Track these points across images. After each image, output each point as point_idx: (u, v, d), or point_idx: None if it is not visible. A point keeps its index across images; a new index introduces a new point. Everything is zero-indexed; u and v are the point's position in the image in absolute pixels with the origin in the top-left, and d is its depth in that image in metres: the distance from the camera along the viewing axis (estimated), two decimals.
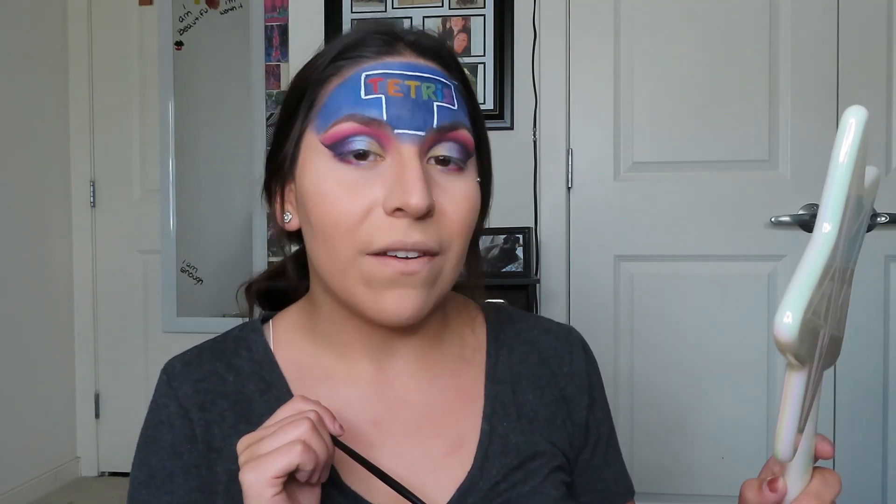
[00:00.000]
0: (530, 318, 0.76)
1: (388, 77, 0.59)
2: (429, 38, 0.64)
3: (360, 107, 0.58)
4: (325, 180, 0.59)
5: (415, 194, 0.56)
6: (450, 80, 0.62)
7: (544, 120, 1.96)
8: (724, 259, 1.91)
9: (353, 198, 0.58)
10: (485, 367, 0.70)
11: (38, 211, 2.67)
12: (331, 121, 0.59)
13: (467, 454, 0.64)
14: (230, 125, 2.77)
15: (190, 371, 0.66)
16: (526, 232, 1.83)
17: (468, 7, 1.99)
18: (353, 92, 0.59)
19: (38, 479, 2.64)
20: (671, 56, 1.92)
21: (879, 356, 1.86)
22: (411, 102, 0.58)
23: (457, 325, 0.71)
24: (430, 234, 0.58)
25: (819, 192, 0.44)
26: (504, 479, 0.64)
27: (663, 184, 1.93)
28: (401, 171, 0.57)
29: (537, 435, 0.67)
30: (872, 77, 1.85)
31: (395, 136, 0.58)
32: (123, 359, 2.86)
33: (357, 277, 0.59)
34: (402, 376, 0.66)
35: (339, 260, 0.59)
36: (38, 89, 2.68)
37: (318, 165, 0.60)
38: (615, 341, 1.95)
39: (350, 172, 0.58)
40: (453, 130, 0.60)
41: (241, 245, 2.74)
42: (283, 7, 2.65)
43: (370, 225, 0.57)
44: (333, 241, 0.58)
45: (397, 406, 0.65)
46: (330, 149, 0.59)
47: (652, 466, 1.95)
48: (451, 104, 0.60)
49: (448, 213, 0.59)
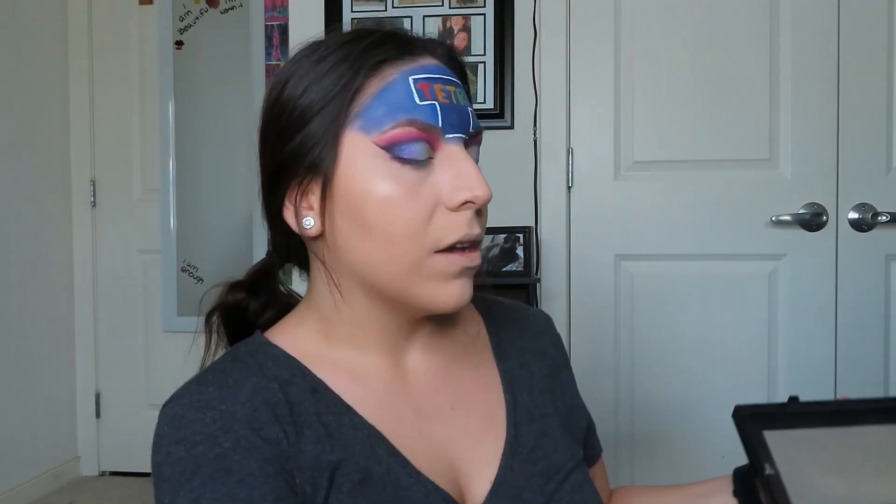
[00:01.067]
0: (506, 300, 0.83)
1: (433, 81, 0.62)
2: (437, 42, 0.67)
3: (417, 112, 0.60)
4: (385, 182, 0.60)
5: (480, 186, 0.60)
6: (462, 83, 0.66)
7: (544, 119, 1.96)
8: (725, 258, 1.91)
9: (416, 200, 0.60)
10: (489, 346, 0.75)
11: (38, 211, 2.67)
12: (386, 124, 0.60)
13: (499, 427, 0.69)
14: (230, 125, 2.77)
15: (230, 392, 0.60)
16: (526, 231, 1.82)
17: (468, 6, 1.99)
18: (406, 96, 0.60)
19: (38, 479, 2.64)
20: (671, 55, 1.92)
21: (879, 356, 1.86)
22: (456, 108, 0.62)
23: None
24: (482, 224, 0.64)
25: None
26: (537, 445, 0.69)
27: (663, 183, 1.93)
28: (457, 167, 0.61)
29: (550, 405, 0.74)
30: (872, 77, 1.85)
31: (444, 139, 0.61)
32: (124, 358, 2.86)
33: (423, 274, 0.61)
34: (422, 364, 0.69)
35: (406, 260, 0.60)
36: (38, 89, 2.68)
37: (373, 166, 0.60)
38: (615, 341, 1.95)
39: (410, 173, 0.60)
40: (479, 133, 0.65)
41: (242, 244, 2.74)
42: (283, 6, 2.65)
43: (437, 224, 0.60)
44: (401, 242, 0.60)
45: (428, 392, 0.68)
46: (386, 150, 0.60)
47: (652, 466, 1.95)
48: (471, 106, 0.65)
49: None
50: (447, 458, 0.65)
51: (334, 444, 0.60)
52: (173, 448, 0.57)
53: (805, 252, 1.87)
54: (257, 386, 0.61)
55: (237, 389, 0.60)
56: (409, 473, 0.62)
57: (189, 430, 0.57)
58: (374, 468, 0.60)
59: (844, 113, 1.85)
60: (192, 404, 0.59)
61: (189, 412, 0.58)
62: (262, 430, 0.58)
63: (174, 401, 0.60)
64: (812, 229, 1.86)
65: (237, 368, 0.62)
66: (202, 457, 0.56)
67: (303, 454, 0.59)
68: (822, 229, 1.86)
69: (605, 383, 1.94)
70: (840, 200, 1.85)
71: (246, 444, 0.57)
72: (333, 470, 0.59)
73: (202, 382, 0.61)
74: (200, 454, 0.56)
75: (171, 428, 0.58)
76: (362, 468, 0.60)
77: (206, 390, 0.60)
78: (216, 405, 0.58)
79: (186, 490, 0.55)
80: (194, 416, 0.58)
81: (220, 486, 0.55)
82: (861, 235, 1.85)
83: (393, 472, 0.61)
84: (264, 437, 0.58)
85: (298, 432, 0.60)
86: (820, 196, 1.85)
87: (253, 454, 0.57)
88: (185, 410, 0.58)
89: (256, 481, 0.56)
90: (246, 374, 0.62)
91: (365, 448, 0.61)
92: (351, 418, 0.62)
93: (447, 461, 0.65)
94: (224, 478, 0.56)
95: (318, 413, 0.62)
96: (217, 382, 0.61)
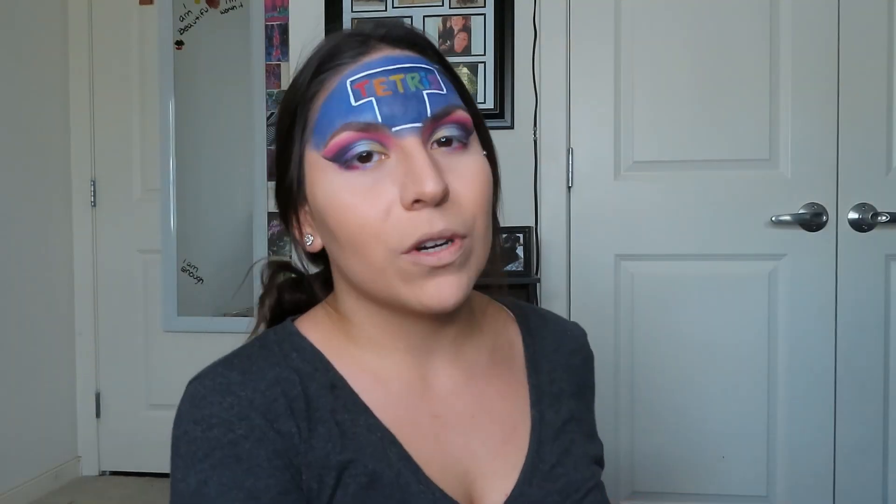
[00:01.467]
0: (545, 311, 0.81)
1: (372, 77, 0.59)
2: (398, 27, 0.64)
3: (352, 114, 0.58)
4: (338, 192, 0.59)
5: (428, 181, 0.56)
6: (431, 65, 0.62)
7: (544, 119, 1.96)
8: (725, 258, 1.91)
9: (369, 202, 0.58)
10: (524, 356, 0.73)
11: (38, 211, 2.67)
12: (327, 135, 0.59)
13: (522, 440, 0.68)
14: (230, 125, 2.76)
15: (252, 379, 0.61)
16: (526, 231, 1.83)
17: (468, 6, 1.99)
18: (342, 101, 0.59)
19: (38, 479, 2.64)
20: (671, 55, 1.92)
21: (879, 356, 1.86)
22: (401, 97, 0.58)
23: (483, 317, 0.73)
24: (453, 218, 0.58)
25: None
26: (559, 463, 0.68)
27: (663, 183, 1.93)
28: (409, 163, 0.57)
29: (575, 423, 0.72)
30: (872, 77, 1.85)
31: (393, 133, 0.58)
32: (124, 358, 2.86)
33: (395, 276, 0.59)
34: (446, 369, 0.67)
35: (373, 264, 0.59)
36: (39, 89, 2.68)
37: (327, 180, 0.60)
38: (615, 341, 1.95)
39: (359, 178, 0.59)
40: (448, 115, 0.60)
41: (242, 244, 2.74)
42: (283, 6, 2.64)
43: (393, 224, 0.57)
44: (363, 248, 0.59)
45: (450, 399, 0.67)
46: (333, 161, 0.59)
47: (652, 466, 1.95)
48: (439, 89, 0.60)
49: (463, 193, 0.59)
50: (462, 468, 0.64)
51: (346, 444, 0.61)
52: (190, 427, 0.59)
53: (805, 252, 1.87)
54: (279, 377, 0.62)
55: (259, 377, 0.61)
56: (419, 480, 0.61)
57: (207, 411, 0.59)
58: (384, 472, 0.60)
59: (844, 113, 1.85)
60: (215, 386, 0.60)
61: (210, 394, 0.60)
62: (277, 421, 0.59)
63: (199, 379, 0.62)
64: (812, 229, 1.86)
65: (262, 356, 0.63)
66: (216, 440, 0.58)
67: (313, 451, 0.60)
68: (822, 229, 1.86)
69: (605, 383, 1.94)
70: (840, 200, 1.85)
71: (259, 434, 0.58)
72: (342, 470, 0.60)
73: (227, 365, 0.62)
74: (215, 437, 0.58)
75: (191, 406, 0.60)
76: (371, 471, 0.60)
77: (229, 374, 0.61)
78: (237, 390, 0.60)
79: (197, 470, 0.58)
80: (214, 398, 0.59)
81: (227, 471, 0.57)
82: (861, 235, 1.85)
83: (403, 478, 0.61)
84: (277, 429, 0.59)
85: (311, 428, 0.61)
86: (820, 196, 1.85)
87: (264, 445, 0.58)
88: (207, 391, 0.60)
89: (263, 472, 0.57)
90: (270, 364, 0.63)
91: (377, 451, 0.61)
92: (367, 419, 0.62)
93: (462, 470, 0.64)
94: (233, 464, 0.57)
95: (333, 410, 0.62)
96: (241, 367, 0.62)
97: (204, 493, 0.57)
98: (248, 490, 0.57)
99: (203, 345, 2.37)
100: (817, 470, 1.88)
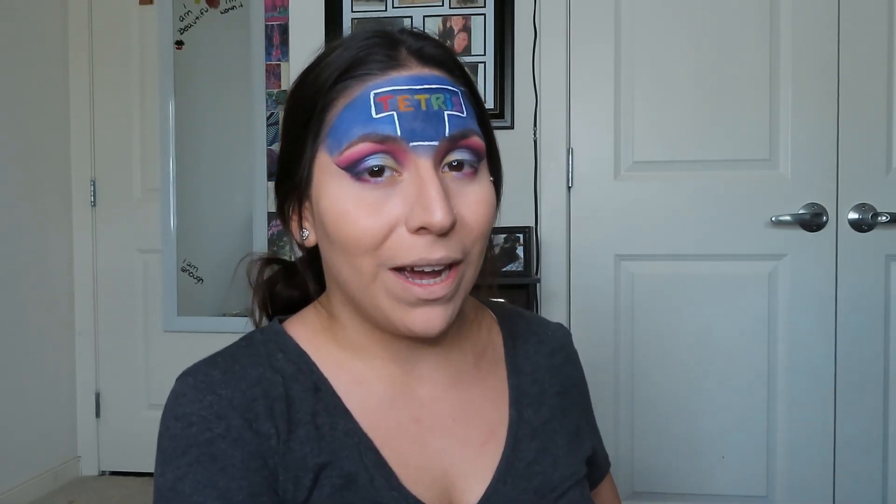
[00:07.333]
0: (528, 313, 0.82)
1: (397, 94, 0.59)
2: (432, 45, 0.64)
3: (372, 125, 0.58)
4: (344, 201, 0.59)
5: (438, 212, 0.56)
6: (456, 87, 0.62)
7: (544, 119, 1.96)
8: (725, 258, 1.91)
9: (373, 217, 0.58)
10: (504, 359, 0.74)
11: (38, 210, 2.67)
12: (344, 143, 0.59)
13: (499, 440, 0.69)
14: (230, 125, 2.76)
15: (233, 378, 0.62)
16: (526, 231, 1.83)
17: (468, 6, 1.99)
18: (363, 111, 0.59)
19: (38, 479, 2.64)
20: (671, 55, 1.92)
21: (879, 356, 1.86)
22: (423, 115, 0.59)
23: (469, 321, 0.73)
24: (453, 246, 0.59)
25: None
26: (536, 461, 0.69)
27: (664, 183, 1.93)
28: (421, 188, 0.57)
29: (557, 422, 0.73)
30: (872, 77, 1.85)
31: (410, 149, 0.58)
32: (124, 358, 2.86)
33: (381, 291, 0.60)
34: (431, 375, 0.68)
35: (362, 275, 0.60)
36: (39, 89, 2.68)
37: (335, 186, 0.60)
38: (615, 341, 1.95)
39: (368, 192, 0.59)
40: (465, 138, 0.60)
41: (242, 244, 2.74)
42: (283, 6, 2.64)
43: (393, 243, 0.58)
44: (356, 258, 0.59)
45: (431, 403, 0.67)
46: (346, 170, 0.59)
47: (652, 466, 1.94)
48: (460, 112, 0.61)
49: (468, 220, 0.60)
50: (441, 470, 0.65)
51: (323, 447, 0.61)
52: (172, 423, 0.60)
53: (805, 252, 1.87)
54: (261, 377, 0.63)
55: (241, 377, 0.62)
56: (392, 486, 0.62)
57: (188, 408, 0.60)
58: (359, 475, 0.61)
59: (844, 113, 1.85)
60: (197, 384, 0.61)
61: (192, 391, 0.61)
62: (255, 422, 0.60)
63: (184, 376, 0.63)
64: (812, 229, 1.86)
65: (247, 356, 0.64)
66: (193, 438, 0.59)
67: (291, 453, 0.61)
68: (822, 229, 1.86)
69: (605, 383, 1.94)
70: (840, 200, 1.85)
71: (236, 434, 0.59)
72: (319, 471, 0.61)
73: (211, 364, 0.63)
74: (193, 435, 0.59)
75: (174, 403, 0.61)
76: (346, 473, 0.61)
77: (212, 372, 0.62)
78: (217, 389, 0.61)
79: (174, 466, 0.59)
80: (195, 395, 0.60)
81: (202, 469, 0.58)
82: (861, 235, 1.85)
83: (376, 482, 0.61)
84: (256, 429, 0.60)
85: (291, 430, 0.61)
86: (820, 196, 1.85)
87: (240, 445, 0.59)
88: (189, 389, 0.61)
89: (237, 472, 0.58)
90: (253, 363, 0.64)
91: (352, 455, 0.62)
92: (346, 423, 0.63)
93: (440, 472, 0.65)
94: (208, 462, 0.58)
95: (314, 413, 0.63)
96: (224, 366, 0.63)
97: (179, 489, 0.58)
98: (220, 490, 0.58)
99: (203, 345, 2.36)
100: (817, 470, 1.88)
